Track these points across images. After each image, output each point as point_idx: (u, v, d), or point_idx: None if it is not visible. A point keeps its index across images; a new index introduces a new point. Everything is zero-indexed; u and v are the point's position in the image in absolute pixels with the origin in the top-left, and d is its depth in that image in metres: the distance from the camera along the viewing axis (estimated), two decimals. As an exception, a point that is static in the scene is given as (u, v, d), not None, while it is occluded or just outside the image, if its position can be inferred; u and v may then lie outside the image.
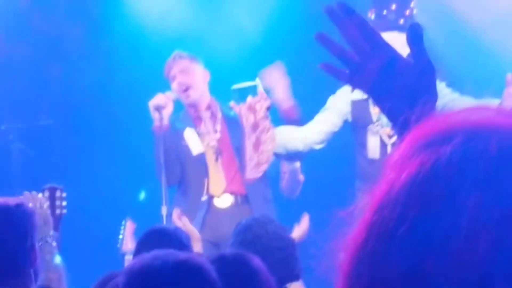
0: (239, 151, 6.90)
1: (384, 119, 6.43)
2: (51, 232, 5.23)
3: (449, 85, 6.82)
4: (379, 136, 6.83)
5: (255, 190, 7.18)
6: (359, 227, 0.96)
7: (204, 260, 3.17)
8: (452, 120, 0.98)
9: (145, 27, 9.62)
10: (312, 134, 6.72)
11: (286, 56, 8.04)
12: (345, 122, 6.98)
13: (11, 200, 4.76)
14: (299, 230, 6.49)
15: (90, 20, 9.97)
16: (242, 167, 6.78)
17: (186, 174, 7.22)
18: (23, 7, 10.47)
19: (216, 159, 7.16)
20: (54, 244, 5.11)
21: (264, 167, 6.19)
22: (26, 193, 5.34)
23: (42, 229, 5.04)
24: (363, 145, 7.00)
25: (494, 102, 6.06)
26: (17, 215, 4.62)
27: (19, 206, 4.70)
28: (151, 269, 2.92)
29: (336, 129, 6.83)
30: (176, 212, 6.61)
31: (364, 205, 0.99)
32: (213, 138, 7.17)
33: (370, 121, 6.87)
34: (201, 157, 7.15)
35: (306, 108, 7.29)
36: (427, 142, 0.95)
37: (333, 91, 7.16)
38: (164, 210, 6.83)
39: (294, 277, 4.98)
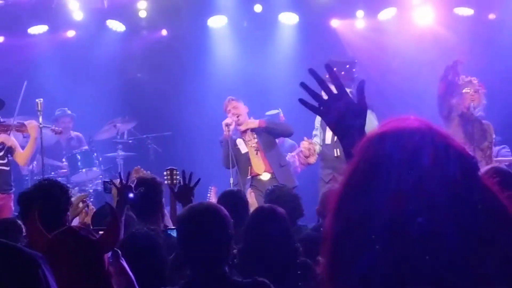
0: (265, 148, 8.92)
1: None
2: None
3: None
4: None
5: (274, 162, 8.93)
6: (340, 184, 1.36)
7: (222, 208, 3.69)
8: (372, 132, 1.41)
9: (220, 70, 11.86)
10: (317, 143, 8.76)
11: (288, 93, 9.73)
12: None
13: (149, 176, 6.28)
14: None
15: (191, 66, 12.03)
16: (269, 157, 8.88)
17: (238, 163, 8.85)
18: (151, 49, 12.38)
19: (256, 153, 8.90)
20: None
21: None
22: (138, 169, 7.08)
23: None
24: (323, 136, 8.80)
25: None
26: (154, 183, 5.76)
27: (154, 178, 5.98)
28: (189, 211, 3.68)
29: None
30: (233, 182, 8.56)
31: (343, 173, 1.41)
32: (254, 142, 8.91)
33: None
34: (246, 154, 8.91)
35: (302, 122, 9.20)
36: (365, 144, 1.37)
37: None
38: (231, 181, 8.63)
39: (300, 215, 6.12)
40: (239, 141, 8.96)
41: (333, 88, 2.36)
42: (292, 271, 4.18)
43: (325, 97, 2.29)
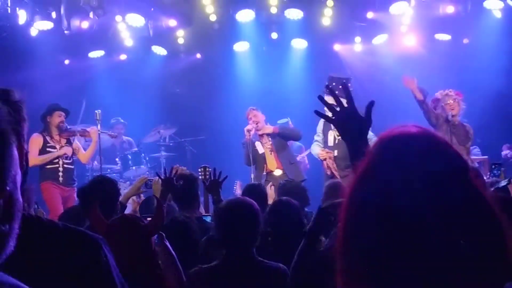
0: (277, 149, 8.87)
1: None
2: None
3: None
4: (334, 133, 8.40)
5: (285, 160, 8.89)
6: (355, 176, 1.33)
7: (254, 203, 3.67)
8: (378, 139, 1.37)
9: (243, 86, 11.88)
10: (320, 146, 8.63)
11: (297, 105, 10.53)
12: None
13: (187, 172, 6.11)
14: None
15: (220, 83, 12.16)
16: (281, 157, 8.82)
17: (256, 161, 8.80)
18: (188, 69, 12.27)
19: (271, 153, 8.90)
20: None
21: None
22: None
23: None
24: (326, 139, 8.66)
25: None
26: (191, 178, 5.72)
27: (191, 174, 5.93)
28: (228, 204, 3.69)
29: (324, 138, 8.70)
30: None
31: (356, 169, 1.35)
32: (268, 144, 8.90)
33: (330, 128, 8.42)
34: (263, 154, 8.88)
35: (306, 128, 9.41)
36: (377, 145, 1.35)
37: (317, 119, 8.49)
38: (252, 176, 8.58)
39: (307, 204, 6.02)
40: (257, 143, 8.92)
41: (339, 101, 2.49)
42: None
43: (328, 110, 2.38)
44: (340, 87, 8.06)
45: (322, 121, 8.82)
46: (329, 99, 6.80)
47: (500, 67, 9.86)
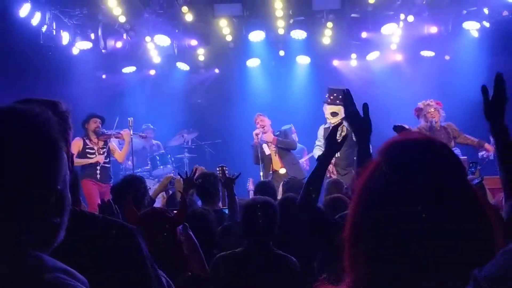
0: (281, 151, 8.77)
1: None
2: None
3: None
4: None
5: (288, 161, 8.82)
6: (359, 182, 1.31)
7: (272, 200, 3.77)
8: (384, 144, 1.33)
9: (255, 96, 11.77)
10: (321, 149, 8.10)
11: (300, 113, 10.71)
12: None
13: (208, 171, 6.04)
14: None
15: (235, 94, 12.04)
16: (284, 158, 8.72)
17: (264, 161, 8.77)
18: (207, 82, 12.43)
19: (275, 155, 8.82)
20: None
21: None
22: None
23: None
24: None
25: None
26: (212, 176, 5.68)
27: (213, 173, 5.84)
28: (253, 201, 3.72)
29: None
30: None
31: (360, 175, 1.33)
32: (273, 147, 8.82)
33: None
34: (269, 155, 8.82)
35: (307, 133, 9.72)
36: (385, 148, 1.31)
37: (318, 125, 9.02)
38: (261, 174, 8.67)
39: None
40: (264, 146, 8.86)
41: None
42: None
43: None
44: (341, 96, 8.30)
45: (322, 127, 8.84)
46: (330, 108, 7.82)
47: (479, 80, 9.55)
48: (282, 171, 8.72)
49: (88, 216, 1.85)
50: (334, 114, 8.48)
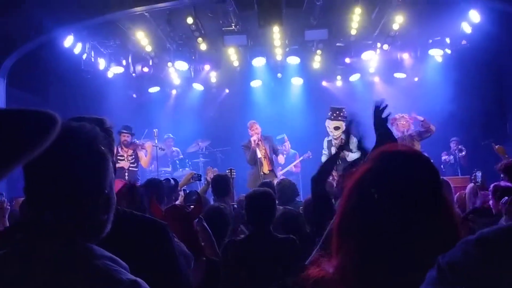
0: (268, 155, 8.52)
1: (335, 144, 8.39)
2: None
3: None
4: (334, 148, 8.32)
5: (273, 164, 8.66)
6: (350, 181, 1.26)
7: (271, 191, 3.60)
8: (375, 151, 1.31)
9: (257, 111, 11.20)
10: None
11: (292, 126, 10.59)
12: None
13: (222, 173, 5.93)
14: None
15: (241, 109, 11.72)
16: (270, 161, 8.49)
17: (255, 163, 8.45)
18: (219, 100, 12.28)
19: (265, 158, 8.55)
20: None
21: None
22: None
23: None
24: (330, 152, 8.55)
25: None
26: (225, 177, 5.61)
27: (226, 175, 5.74)
28: (254, 192, 3.60)
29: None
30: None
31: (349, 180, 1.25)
32: (263, 151, 8.53)
33: (332, 145, 8.52)
34: (260, 158, 8.48)
35: (299, 142, 9.85)
36: (374, 156, 1.26)
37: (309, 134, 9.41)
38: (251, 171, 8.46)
39: (297, 195, 5.63)
40: (257, 150, 8.63)
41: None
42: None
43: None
44: (341, 114, 8.61)
45: (325, 140, 8.92)
46: (333, 123, 8.05)
47: (442, 97, 9.68)
48: (268, 172, 8.58)
49: (127, 214, 1.87)
50: (336, 128, 8.63)
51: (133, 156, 8.65)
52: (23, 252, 1.16)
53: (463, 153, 9.66)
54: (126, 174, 8.41)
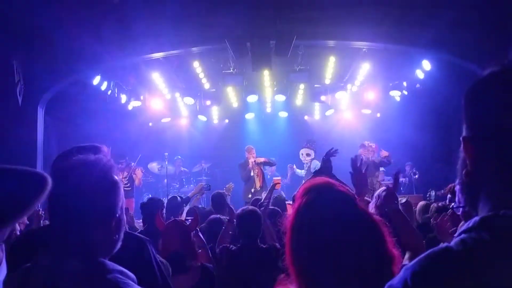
0: (260, 174, 8.46)
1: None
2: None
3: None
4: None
5: (264, 181, 8.52)
6: (290, 215, 1.18)
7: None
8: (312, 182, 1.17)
9: (250, 139, 11.09)
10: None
11: (279, 151, 10.30)
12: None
13: (220, 192, 7.06)
14: None
15: (237, 137, 11.51)
16: (261, 179, 8.38)
17: (249, 179, 8.42)
18: (220, 129, 12.16)
19: (257, 176, 8.45)
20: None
21: None
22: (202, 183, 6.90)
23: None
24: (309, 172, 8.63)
25: None
26: (221, 194, 5.49)
27: (223, 192, 5.62)
28: (244, 211, 3.44)
29: None
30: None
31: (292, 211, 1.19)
32: (256, 170, 8.45)
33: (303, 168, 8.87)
34: (253, 176, 8.40)
35: (285, 162, 9.67)
36: (303, 191, 1.17)
37: (293, 158, 9.41)
38: (252, 190, 8.26)
39: (285, 209, 5.20)
40: (252, 169, 8.57)
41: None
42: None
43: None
44: (314, 143, 8.91)
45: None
46: (304, 151, 6.67)
47: (399, 130, 9.61)
48: (262, 189, 8.35)
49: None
50: (308, 154, 8.98)
51: (127, 178, 8.40)
52: (46, 266, 1.14)
53: (416, 176, 9.70)
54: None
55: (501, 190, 0.74)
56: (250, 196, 7.80)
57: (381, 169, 8.91)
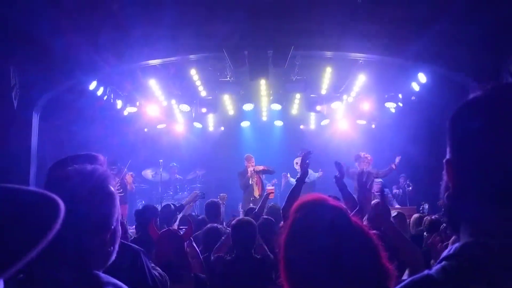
0: (259, 183, 8.59)
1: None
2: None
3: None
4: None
5: (262, 189, 8.57)
6: (285, 232, 1.17)
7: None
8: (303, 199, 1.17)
9: (247, 147, 11.07)
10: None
11: (275, 160, 10.28)
12: None
13: (214, 200, 7.03)
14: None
15: (233, 145, 11.68)
16: (260, 188, 8.51)
17: (247, 187, 8.54)
18: (216, 136, 12.11)
19: (257, 185, 8.61)
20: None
21: None
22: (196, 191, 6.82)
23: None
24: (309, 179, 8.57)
25: None
26: (216, 203, 5.53)
27: (218, 201, 5.77)
28: (239, 222, 3.46)
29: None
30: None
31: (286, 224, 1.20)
32: (255, 179, 8.62)
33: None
34: (252, 184, 8.58)
35: (280, 169, 9.62)
36: (297, 207, 1.16)
37: (287, 166, 9.51)
38: (251, 198, 8.41)
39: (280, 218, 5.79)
40: (250, 178, 8.63)
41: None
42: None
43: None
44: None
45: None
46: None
47: (394, 140, 9.68)
48: (257, 196, 8.46)
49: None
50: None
51: (119, 184, 8.24)
52: (42, 278, 1.11)
53: (410, 188, 9.72)
54: None
55: (482, 215, 0.73)
56: (251, 205, 7.82)
57: (377, 180, 8.96)
